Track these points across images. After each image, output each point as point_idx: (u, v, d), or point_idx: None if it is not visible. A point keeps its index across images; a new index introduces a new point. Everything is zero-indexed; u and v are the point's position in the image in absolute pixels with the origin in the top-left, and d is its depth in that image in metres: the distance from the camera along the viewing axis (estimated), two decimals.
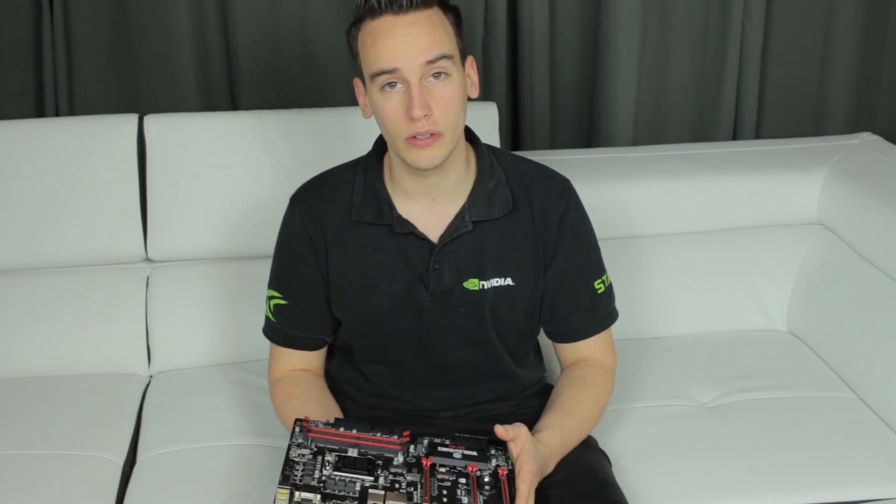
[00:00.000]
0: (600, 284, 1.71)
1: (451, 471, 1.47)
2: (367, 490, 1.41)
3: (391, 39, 1.48)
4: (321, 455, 1.46)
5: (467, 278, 1.63)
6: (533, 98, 2.53)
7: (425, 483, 1.44)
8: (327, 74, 2.47)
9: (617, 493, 1.56)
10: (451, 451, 1.49)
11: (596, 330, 1.72)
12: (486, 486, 1.44)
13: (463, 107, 1.54)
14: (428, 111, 1.48)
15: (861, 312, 2.03)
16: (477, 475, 1.46)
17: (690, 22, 2.56)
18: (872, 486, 1.72)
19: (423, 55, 1.47)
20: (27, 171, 2.09)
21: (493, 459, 1.49)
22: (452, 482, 1.45)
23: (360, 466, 1.45)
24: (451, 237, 1.62)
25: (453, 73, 1.51)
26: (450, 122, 1.51)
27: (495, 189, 1.64)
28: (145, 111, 2.17)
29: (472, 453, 1.49)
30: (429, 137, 1.50)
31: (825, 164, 2.25)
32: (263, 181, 2.11)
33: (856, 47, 2.64)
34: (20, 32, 2.40)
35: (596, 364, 1.72)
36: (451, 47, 1.51)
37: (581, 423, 1.64)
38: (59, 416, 1.93)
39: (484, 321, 1.65)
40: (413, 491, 1.42)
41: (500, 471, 1.47)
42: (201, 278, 2.14)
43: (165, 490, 1.72)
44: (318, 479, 1.42)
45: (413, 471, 1.46)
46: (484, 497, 1.43)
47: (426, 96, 1.48)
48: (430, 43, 1.48)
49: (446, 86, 1.50)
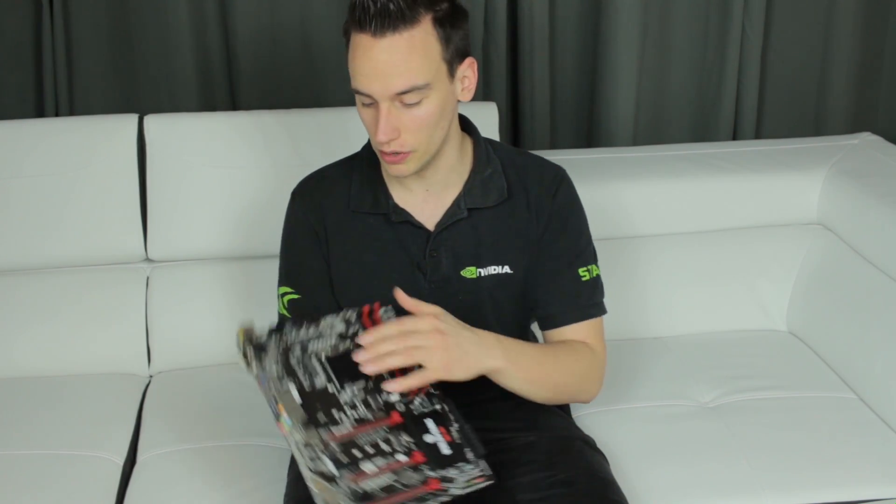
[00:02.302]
0: (585, 273, 1.68)
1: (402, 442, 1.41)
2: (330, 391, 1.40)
3: (366, 63, 1.47)
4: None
5: (464, 266, 1.64)
6: (533, 98, 2.53)
7: (371, 421, 1.40)
8: (327, 74, 2.47)
9: (617, 493, 1.56)
10: (429, 430, 1.42)
11: (577, 317, 1.67)
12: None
13: (441, 121, 1.53)
14: (395, 135, 1.50)
15: (861, 312, 2.03)
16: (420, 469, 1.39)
17: (690, 22, 2.56)
18: (872, 486, 1.72)
19: (393, 87, 1.47)
20: (27, 171, 2.09)
21: (463, 475, 1.41)
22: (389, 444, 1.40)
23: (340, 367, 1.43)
24: (447, 224, 1.63)
25: (428, 97, 1.49)
26: (420, 141, 1.52)
27: (491, 178, 1.65)
28: (145, 111, 2.17)
29: (446, 451, 1.41)
30: (398, 155, 1.52)
31: (825, 164, 2.25)
32: (263, 181, 2.11)
33: (856, 47, 2.64)
34: (20, 32, 2.40)
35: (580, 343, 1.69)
36: (430, 72, 1.48)
37: (544, 358, 1.59)
38: (59, 416, 1.93)
39: (483, 310, 1.65)
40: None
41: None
42: (201, 278, 2.15)
43: (165, 490, 1.72)
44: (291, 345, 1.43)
45: (374, 408, 1.42)
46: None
47: (395, 120, 1.49)
48: (401, 73, 1.46)
49: (419, 109, 1.50)
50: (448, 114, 1.55)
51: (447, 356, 1.44)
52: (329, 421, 1.39)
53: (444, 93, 1.52)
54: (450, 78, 1.53)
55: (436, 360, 1.43)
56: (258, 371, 1.43)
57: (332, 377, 1.43)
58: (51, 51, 2.37)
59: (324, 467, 1.35)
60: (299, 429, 1.37)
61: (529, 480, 1.54)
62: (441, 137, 1.56)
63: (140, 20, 2.40)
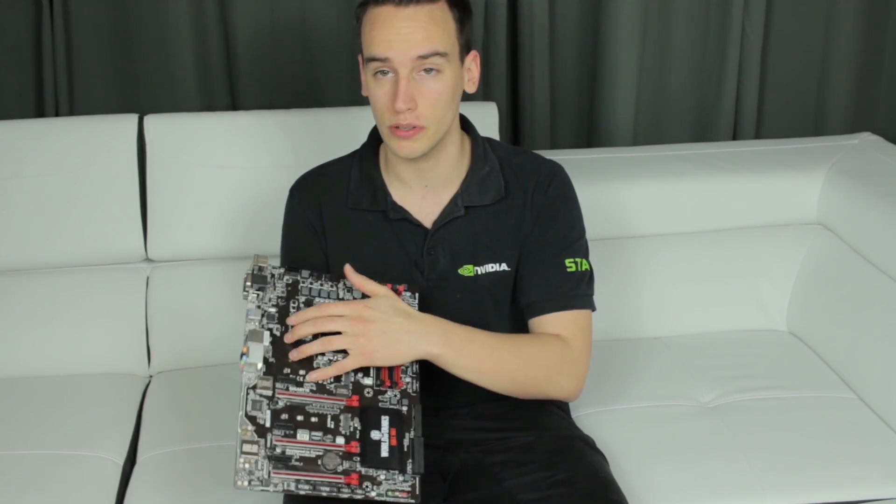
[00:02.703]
0: (572, 264, 1.66)
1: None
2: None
3: (387, 29, 1.50)
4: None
5: (462, 264, 1.65)
6: (533, 98, 2.53)
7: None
8: (327, 74, 2.47)
9: (617, 493, 1.56)
10: (381, 426, 1.43)
11: (558, 306, 1.64)
12: None
13: (452, 102, 1.56)
14: (412, 105, 1.51)
15: (861, 312, 2.03)
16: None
17: (690, 22, 2.56)
18: (872, 486, 1.72)
19: (416, 50, 1.50)
20: (27, 171, 2.09)
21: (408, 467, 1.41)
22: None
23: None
24: (444, 222, 1.64)
25: (446, 69, 1.52)
26: (435, 116, 1.53)
27: (488, 176, 1.66)
28: (145, 111, 2.18)
29: (384, 453, 1.41)
30: (411, 130, 1.53)
31: (825, 164, 2.25)
32: (263, 181, 2.11)
33: (856, 47, 2.64)
34: (20, 32, 2.40)
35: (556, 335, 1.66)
36: (449, 44, 1.53)
37: (500, 347, 1.58)
38: (59, 416, 1.93)
39: (481, 308, 1.65)
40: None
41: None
42: (201, 278, 2.15)
43: (165, 490, 1.72)
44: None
45: (342, 383, 1.44)
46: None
47: (413, 90, 1.51)
48: (424, 38, 1.50)
49: (436, 81, 1.52)
50: (457, 98, 1.58)
51: (368, 343, 1.47)
52: (291, 377, 1.40)
53: (456, 73, 1.56)
54: (460, 62, 1.56)
55: (355, 346, 1.46)
56: (251, 301, 1.45)
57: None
58: (51, 51, 2.37)
59: (260, 416, 1.36)
60: (255, 371, 1.39)
61: (529, 480, 1.54)
62: (450, 120, 1.58)
63: (140, 20, 2.40)
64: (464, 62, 1.58)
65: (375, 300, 1.51)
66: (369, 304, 1.50)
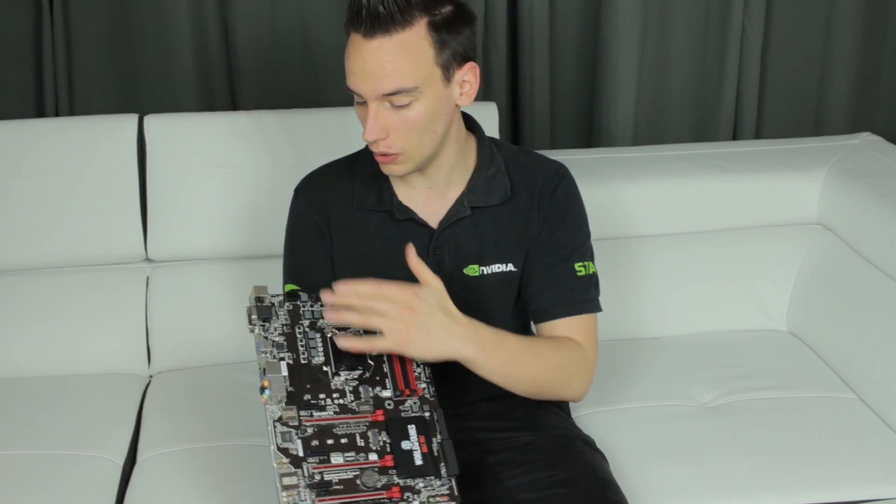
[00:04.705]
0: (581, 268, 1.67)
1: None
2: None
3: (355, 61, 1.48)
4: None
5: (467, 264, 1.65)
6: (533, 98, 2.53)
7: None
8: (327, 74, 2.47)
9: (617, 493, 1.56)
10: (409, 436, 1.43)
11: (569, 311, 1.65)
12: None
13: (431, 126, 1.53)
14: (383, 135, 1.51)
15: (861, 312, 2.03)
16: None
17: (690, 22, 2.56)
18: (872, 486, 1.72)
19: (380, 87, 1.47)
20: (27, 171, 2.09)
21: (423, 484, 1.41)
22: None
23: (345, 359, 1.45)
24: (450, 222, 1.64)
25: (417, 100, 1.49)
26: (409, 144, 1.52)
27: (494, 177, 1.66)
28: (145, 111, 2.17)
29: (419, 462, 1.40)
30: (387, 156, 1.53)
31: (825, 164, 2.25)
32: (263, 181, 2.11)
33: (856, 47, 2.64)
34: (20, 32, 2.40)
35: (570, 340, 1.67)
36: (420, 76, 1.48)
37: (527, 352, 1.58)
38: (59, 416, 1.93)
39: (486, 308, 1.65)
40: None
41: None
42: (201, 278, 2.15)
43: (165, 490, 1.72)
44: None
45: (362, 399, 1.44)
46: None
47: (384, 120, 1.50)
48: (389, 74, 1.46)
49: (408, 111, 1.50)
50: (442, 118, 1.54)
51: (406, 332, 1.44)
52: (313, 403, 1.39)
53: (437, 97, 1.51)
54: (445, 82, 1.52)
55: (393, 331, 1.43)
56: (258, 335, 1.44)
57: (330, 359, 1.44)
58: (51, 51, 2.37)
59: (292, 447, 1.35)
60: (278, 403, 1.38)
61: (529, 480, 1.54)
62: (434, 141, 1.56)
63: (140, 20, 2.40)
64: (452, 79, 1.53)
65: (427, 292, 1.47)
66: (420, 295, 1.46)
